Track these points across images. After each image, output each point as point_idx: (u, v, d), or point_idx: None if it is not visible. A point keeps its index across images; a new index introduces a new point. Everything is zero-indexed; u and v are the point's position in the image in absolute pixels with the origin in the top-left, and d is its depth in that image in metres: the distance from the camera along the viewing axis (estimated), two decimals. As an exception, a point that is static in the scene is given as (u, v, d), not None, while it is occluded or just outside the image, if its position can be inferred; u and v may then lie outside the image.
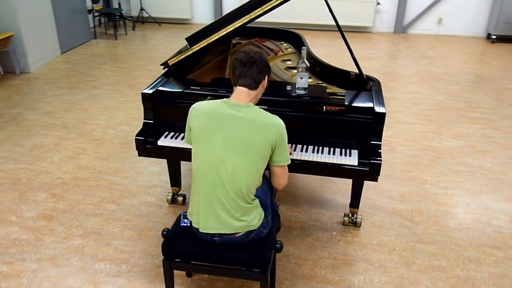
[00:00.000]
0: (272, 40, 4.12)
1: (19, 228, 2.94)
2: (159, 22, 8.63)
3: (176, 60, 2.96)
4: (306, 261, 2.66)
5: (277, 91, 2.66)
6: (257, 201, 2.05)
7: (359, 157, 2.42)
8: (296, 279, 2.52)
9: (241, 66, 1.95)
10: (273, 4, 2.69)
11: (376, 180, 2.42)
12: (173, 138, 2.62)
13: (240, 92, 1.97)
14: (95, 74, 5.88)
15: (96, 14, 7.78)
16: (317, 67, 3.24)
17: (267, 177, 2.38)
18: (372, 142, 2.45)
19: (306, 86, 2.62)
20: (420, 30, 7.95)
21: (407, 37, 7.76)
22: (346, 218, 2.95)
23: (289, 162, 2.03)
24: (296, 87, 2.62)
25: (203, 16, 8.56)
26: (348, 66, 2.97)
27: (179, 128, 2.67)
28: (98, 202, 3.20)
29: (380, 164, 2.36)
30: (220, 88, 2.64)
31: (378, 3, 7.77)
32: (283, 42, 4.07)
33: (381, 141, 2.44)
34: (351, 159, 2.40)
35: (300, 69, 2.57)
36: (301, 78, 2.59)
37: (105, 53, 6.92)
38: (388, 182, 3.44)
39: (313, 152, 2.47)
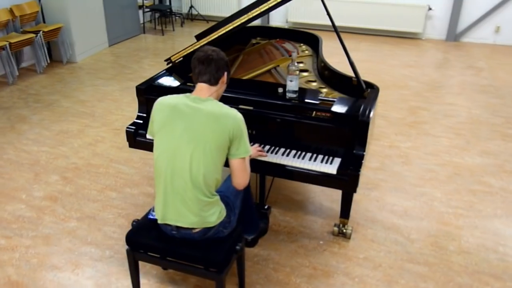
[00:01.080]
0: (292, 41, 4.07)
1: (26, 206, 3.15)
2: (207, 19, 8.81)
3: (179, 56, 3.02)
4: (284, 267, 2.60)
5: (267, 92, 2.64)
6: (217, 198, 2.04)
7: (340, 166, 2.33)
8: (269, 284, 2.48)
9: (199, 65, 2.00)
10: (272, 4, 2.67)
11: (354, 192, 2.33)
12: (163, 133, 2.67)
13: (201, 88, 2.01)
14: (134, 67, 6.13)
15: (146, 9, 8.10)
16: (326, 71, 3.16)
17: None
18: (354, 151, 2.35)
19: (297, 89, 2.57)
20: (474, 38, 7.47)
21: (459, 45, 7.32)
22: (335, 228, 2.85)
23: (249, 154, 2.01)
24: (286, 90, 2.58)
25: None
26: (387, 73, 2.87)
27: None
28: (101, 189, 3.34)
29: (358, 175, 2.26)
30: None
31: (430, 9, 7.39)
32: (302, 44, 4.00)
33: (364, 151, 2.33)
34: (330, 167, 2.32)
35: (289, 72, 2.53)
36: (291, 81, 2.55)
37: (149, 47, 7.19)
38: (393, 195, 3.28)
39: (294, 156, 2.42)
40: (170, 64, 3.07)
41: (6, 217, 3.03)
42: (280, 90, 2.64)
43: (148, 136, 2.54)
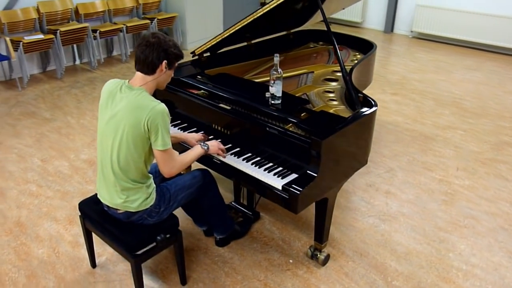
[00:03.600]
0: (350, 49, 3.83)
1: (68, 164, 3.66)
2: (330, 22, 8.65)
3: (203, 49, 3.12)
4: (237, 274, 2.53)
5: (254, 94, 2.56)
6: (142, 185, 2.09)
7: (289, 183, 2.14)
8: (212, 286, 2.45)
9: (136, 51, 2.03)
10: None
11: (295, 212, 2.13)
12: (159, 119, 2.82)
13: (137, 76, 2.05)
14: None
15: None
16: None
17: (195, 175, 2.38)
18: (307, 171, 2.14)
19: (278, 95, 2.45)
20: None
21: None
22: (309, 250, 2.64)
23: (165, 148, 1.99)
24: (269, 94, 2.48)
25: (375, 21, 8.21)
26: (496, 99, 2.61)
27: (172, 112, 2.85)
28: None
29: (297, 196, 2.05)
30: (217, 85, 2.69)
31: None
32: (357, 53, 3.73)
33: (316, 174, 2.10)
34: (278, 182, 2.16)
35: (270, 77, 2.42)
36: (271, 86, 2.44)
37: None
38: (405, 234, 2.87)
39: (252, 164, 2.32)
40: (196, 57, 3.19)
41: (49, 169, 3.57)
42: (268, 94, 2.54)
43: None
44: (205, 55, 3.22)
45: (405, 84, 5.54)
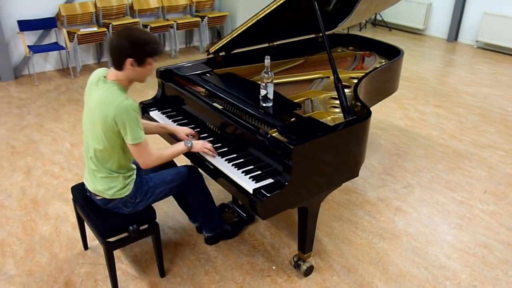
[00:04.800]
0: (378, 55, 3.66)
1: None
2: (390, 27, 8.33)
3: (216, 47, 3.15)
4: (216, 274, 2.54)
5: (249, 95, 2.54)
6: (118, 176, 2.16)
7: (261, 187, 2.10)
8: (189, 282, 2.48)
9: (109, 49, 2.04)
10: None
11: (262, 218, 2.08)
12: (163, 115, 2.90)
13: (111, 71, 2.09)
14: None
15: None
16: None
17: (180, 171, 2.42)
18: (279, 178, 2.09)
19: (270, 97, 2.41)
20: None
21: None
22: (292, 259, 2.57)
23: (135, 142, 2.02)
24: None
25: (439, 29, 7.75)
26: None
27: (176, 108, 2.92)
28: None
29: (263, 202, 2.00)
30: (217, 84, 2.72)
31: None
32: (383, 60, 3.56)
33: (286, 181, 2.04)
34: (250, 185, 2.12)
35: (261, 79, 2.39)
36: (262, 89, 2.40)
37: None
38: (403, 256, 2.69)
39: (233, 165, 2.30)
40: (211, 55, 3.23)
41: (75, 154, 3.81)
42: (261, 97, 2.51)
43: (166, 121, 2.79)
44: (220, 54, 3.25)
45: (453, 97, 5.19)
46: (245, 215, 2.92)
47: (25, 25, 5.38)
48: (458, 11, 7.31)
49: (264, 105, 2.42)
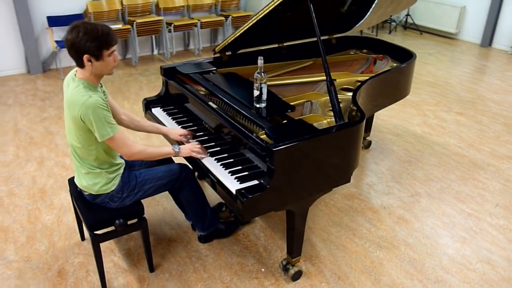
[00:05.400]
0: (391, 59, 3.56)
1: (105, 144, 3.96)
2: (421, 30, 8.09)
3: (221, 47, 3.16)
4: (204, 272, 2.55)
5: (244, 95, 2.53)
6: (101, 171, 2.20)
7: (243, 188, 2.09)
8: (176, 278, 2.50)
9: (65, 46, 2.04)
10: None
11: (242, 219, 2.07)
12: (164, 112, 2.93)
13: (78, 69, 2.09)
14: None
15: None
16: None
17: (171, 169, 2.44)
18: (261, 181, 2.07)
19: (262, 98, 2.39)
20: None
21: None
22: (281, 262, 2.54)
23: (104, 138, 2.04)
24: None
25: (472, 33, 7.46)
26: None
27: (178, 106, 2.95)
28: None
29: (242, 202, 1.99)
30: (216, 83, 2.72)
31: None
32: (394, 64, 3.45)
33: (267, 185, 2.01)
34: (234, 185, 2.12)
35: (255, 80, 2.37)
36: (255, 90, 2.39)
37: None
38: (399, 265, 2.61)
39: (222, 165, 2.30)
40: (218, 55, 3.24)
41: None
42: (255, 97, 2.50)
43: (165, 118, 2.85)
44: (227, 53, 3.25)
45: (477, 104, 4.97)
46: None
47: (54, 21, 5.59)
48: (494, 15, 7.00)
49: (257, 105, 2.41)
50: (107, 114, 2.04)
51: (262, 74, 2.35)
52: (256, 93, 2.39)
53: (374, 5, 3.46)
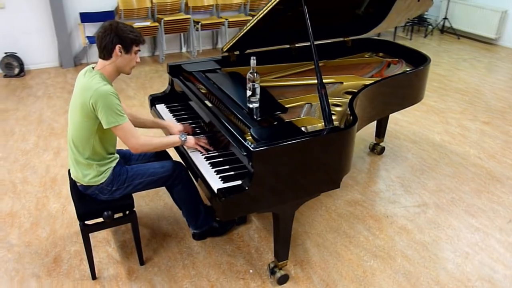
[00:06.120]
0: (405, 63, 3.45)
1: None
2: (458, 35, 7.76)
3: (230, 45, 3.16)
4: (192, 270, 2.56)
5: (240, 95, 2.53)
6: (92, 163, 2.26)
7: (224, 188, 2.08)
8: (165, 273, 2.53)
9: (96, 39, 2.18)
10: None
11: (222, 219, 2.07)
12: (167, 109, 2.98)
13: (99, 62, 2.21)
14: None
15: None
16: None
17: (164, 165, 2.47)
18: (241, 183, 2.06)
19: (253, 99, 2.38)
20: None
21: None
22: (269, 265, 2.51)
23: (109, 126, 2.11)
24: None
25: (513, 39, 7.09)
26: None
27: (182, 103, 2.99)
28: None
29: (221, 202, 1.99)
30: (216, 82, 2.73)
31: None
32: (408, 69, 3.34)
33: (246, 186, 2.00)
34: (217, 183, 2.12)
35: (247, 80, 2.36)
36: (248, 90, 2.38)
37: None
38: (392, 277, 2.52)
39: (210, 164, 2.31)
40: (226, 54, 3.25)
41: (103, 140, 4.04)
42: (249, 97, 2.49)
43: (167, 116, 2.90)
44: (235, 53, 3.26)
45: (507, 114, 4.72)
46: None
47: (86, 17, 5.80)
48: (537, 20, 6.63)
49: (250, 106, 2.40)
50: (117, 103, 2.14)
51: (255, 74, 2.33)
52: (248, 93, 2.38)
53: (393, 7, 3.37)
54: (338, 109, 2.68)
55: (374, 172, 3.60)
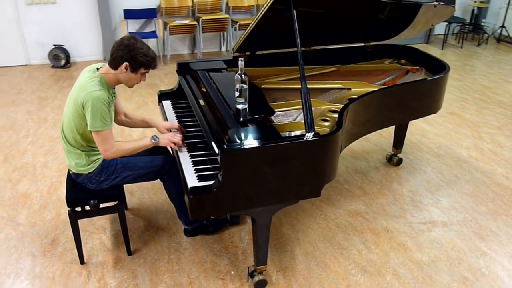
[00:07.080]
0: (425, 71, 3.28)
1: (141, 132, 4.22)
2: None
3: (238, 45, 3.16)
4: (176, 265, 2.60)
5: (232, 94, 2.53)
6: (81, 152, 2.36)
7: (198, 186, 2.10)
8: (149, 265, 2.59)
9: (112, 47, 2.25)
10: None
11: (191, 217, 2.07)
12: (171, 105, 3.05)
13: (105, 66, 2.29)
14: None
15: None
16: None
17: (153, 160, 2.53)
18: (211, 184, 2.06)
19: (241, 100, 2.37)
20: None
21: None
22: (250, 268, 2.49)
23: (92, 129, 2.19)
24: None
25: None
26: None
27: (186, 100, 3.04)
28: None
29: (188, 200, 2.00)
30: (216, 82, 2.76)
31: None
32: (426, 78, 3.16)
33: (215, 188, 1.99)
34: (192, 181, 2.14)
35: (235, 81, 2.36)
36: (236, 91, 2.38)
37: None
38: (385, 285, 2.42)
39: (193, 162, 2.33)
40: (237, 54, 3.26)
41: (125, 134, 4.20)
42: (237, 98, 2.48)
43: (170, 113, 2.97)
44: (246, 54, 3.26)
45: (551, 133, 4.34)
46: (229, 217, 2.91)
47: (129, 14, 6.05)
48: None
49: (238, 107, 2.39)
50: (105, 111, 2.20)
51: (243, 76, 2.32)
52: (236, 94, 2.38)
53: (418, 14, 3.22)
54: (335, 115, 2.60)
55: (385, 184, 3.45)
